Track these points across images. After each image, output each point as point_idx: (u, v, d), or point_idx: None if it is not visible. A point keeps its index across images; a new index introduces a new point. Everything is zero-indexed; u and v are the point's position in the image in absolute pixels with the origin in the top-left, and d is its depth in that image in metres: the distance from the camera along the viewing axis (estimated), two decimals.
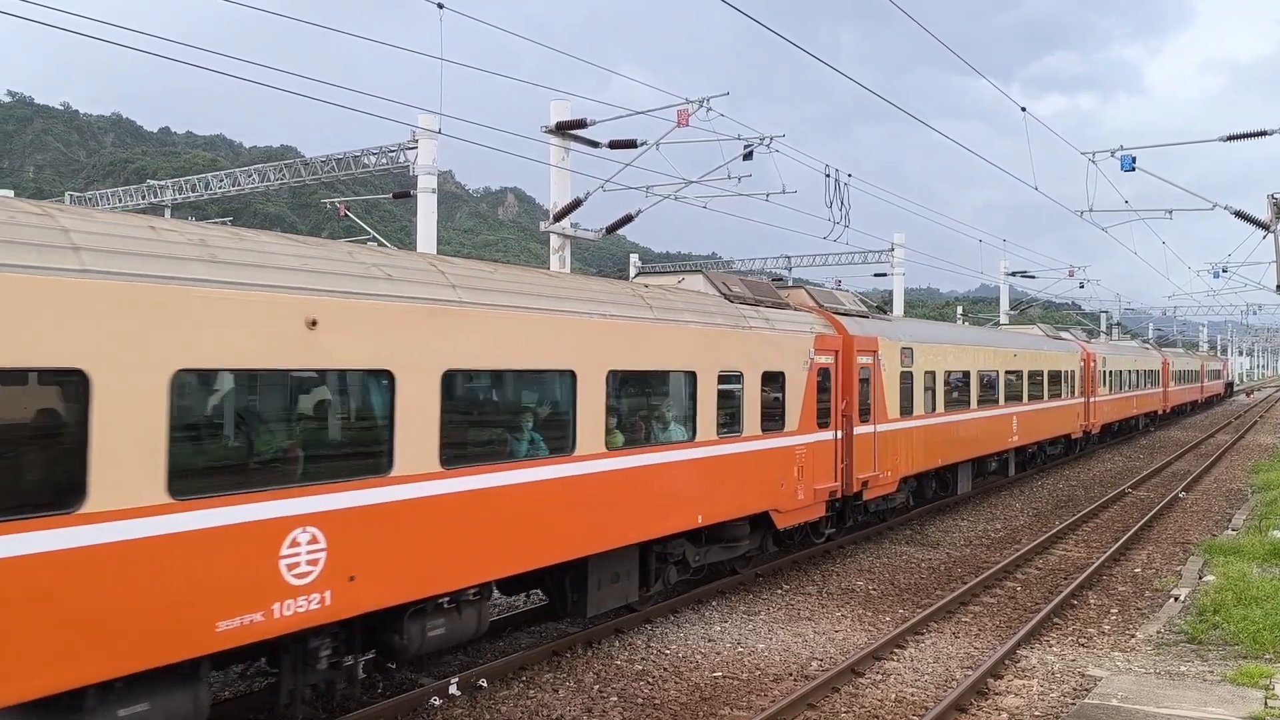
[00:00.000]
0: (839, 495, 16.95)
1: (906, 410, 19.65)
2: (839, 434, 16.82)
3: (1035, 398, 28.85)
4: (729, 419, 13.75)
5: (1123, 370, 42.23)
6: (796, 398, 15.39)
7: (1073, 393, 33.55)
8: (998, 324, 48.36)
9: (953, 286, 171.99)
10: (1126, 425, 46.03)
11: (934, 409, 21.17)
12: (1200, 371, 73.46)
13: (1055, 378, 31.29)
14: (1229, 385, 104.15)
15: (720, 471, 13.46)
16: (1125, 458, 37.93)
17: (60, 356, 6.38)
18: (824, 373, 16.32)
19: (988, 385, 24.84)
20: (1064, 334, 37.67)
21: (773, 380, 14.85)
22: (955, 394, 22.67)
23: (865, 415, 17.79)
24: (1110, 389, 39.48)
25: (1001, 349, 26.53)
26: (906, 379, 19.69)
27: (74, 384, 6.49)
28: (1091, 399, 36.28)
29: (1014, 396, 26.83)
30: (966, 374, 23.31)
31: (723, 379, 13.55)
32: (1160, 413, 53.33)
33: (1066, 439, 34.17)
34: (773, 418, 14.74)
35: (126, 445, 6.68)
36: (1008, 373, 26.37)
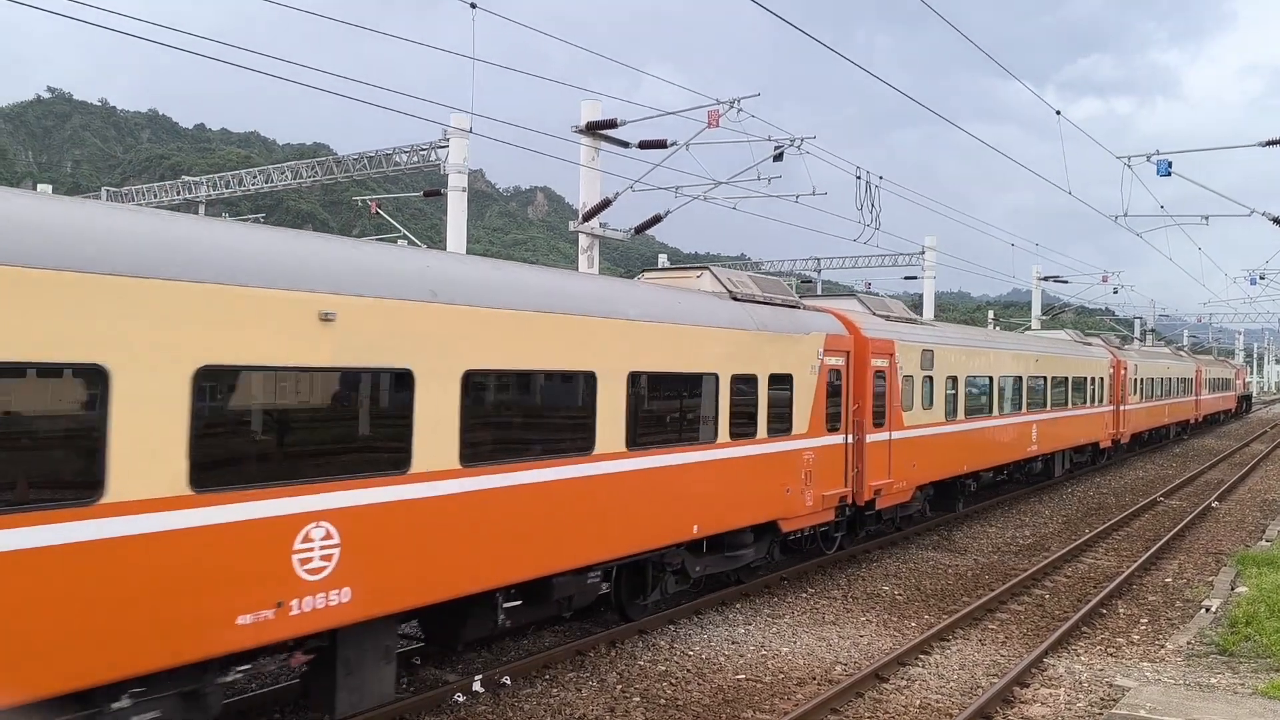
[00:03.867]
0: None
1: None
2: None
3: (674, 441, 12.49)
4: None
5: (993, 379, 23.58)
6: None
7: (787, 425, 14.95)
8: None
9: (985, 291, 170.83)
10: (1018, 471, 27.15)
11: None
12: (1195, 380, 52.96)
13: (748, 391, 14.07)
14: (1245, 399, 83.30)
15: None
16: (1158, 466, 37.46)
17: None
18: None
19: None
20: (826, 302, 19.08)
21: None
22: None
23: None
24: (950, 412, 20.97)
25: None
26: None
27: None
28: (901, 433, 18.51)
29: (539, 445, 10.47)
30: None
31: None
32: (1108, 445, 34.64)
33: (772, 528, 14.89)
34: None
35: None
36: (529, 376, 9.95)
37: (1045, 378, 27.20)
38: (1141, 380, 39.33)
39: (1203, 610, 14.67)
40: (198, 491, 7.16)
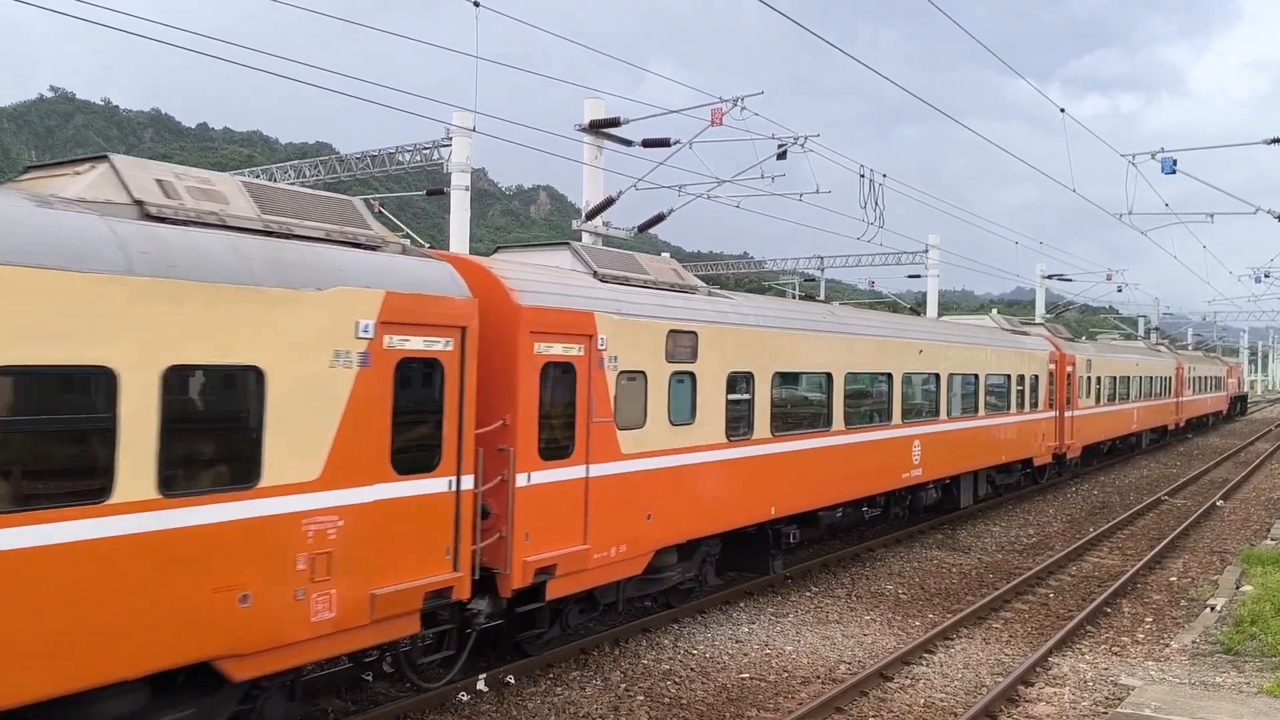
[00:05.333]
0: None
1: None
2: None
3: None
4: None
5: (833, 377, 16.17)
6: None
7: (245, 467, 7.75)
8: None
9: (988, 289, 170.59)
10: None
11: None
12: (1174, 378, 45.81)
13: (74, 400, 6.89)
14: (1239, 399, 75.55)
15: None
16: (1162, 465, 37.40)
17: None
18: None
19: None
20: (510, 255, 12.50)
21: None
22: None
23: None
24: (740, 427, 13.81)
25: None
26: None
27: None
28: (613, 466, 11.67)
29: None
30: None
31: None
32: (1046, 461, 27.21)
33: (212, 678, 7.68)
34: None
35: None
36: None
37: (937, 375, 20.03)
38: (1098, 379, 32.15)
39: (1208, 609, 14.64)
40: None
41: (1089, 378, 31.07)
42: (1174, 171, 21.95)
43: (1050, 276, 53.72)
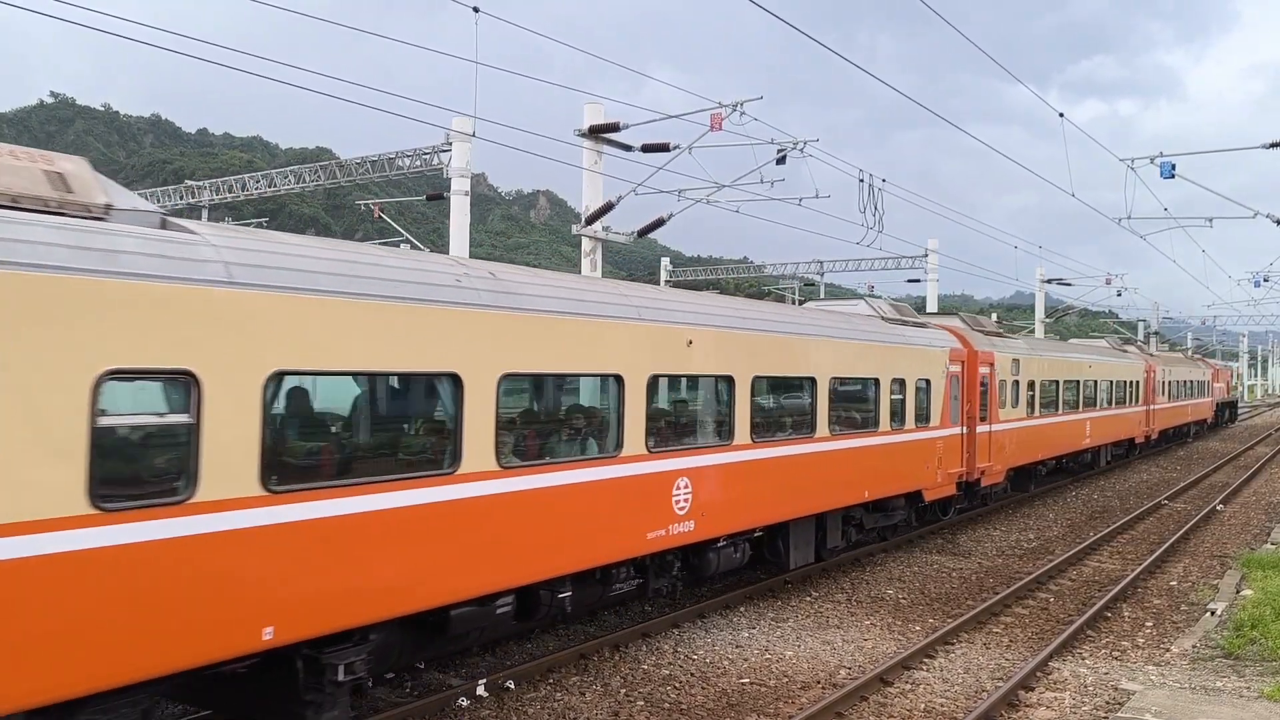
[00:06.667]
0: None
1: None
2: None
3: None
4: None
5: (508, 381, 9.72)
6: None
7: None
8: None
9: (988, 293, 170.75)
10: None
11: None
12: (1144, 383, 39.54)
13: None
14: (1227, 406, 68.65)
15: None
16: (1162, 469, 37.40)
17: None
18: None
19: None
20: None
21: None
22: None
23: None
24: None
25: None
26: None
27: None
28: None
29: None
30: None
31: None
32: (944, 494, 20.22)
33: None
34: None
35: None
36: None
37: (729, 379, 13.21)
38: (1030, 384, 25.49)
39: (1208, 613, 14.63)
40: None
41: (1016, 381, 24.38)
42: (1173, 176, 21.99)
43: (1050, 281, 53.77)
